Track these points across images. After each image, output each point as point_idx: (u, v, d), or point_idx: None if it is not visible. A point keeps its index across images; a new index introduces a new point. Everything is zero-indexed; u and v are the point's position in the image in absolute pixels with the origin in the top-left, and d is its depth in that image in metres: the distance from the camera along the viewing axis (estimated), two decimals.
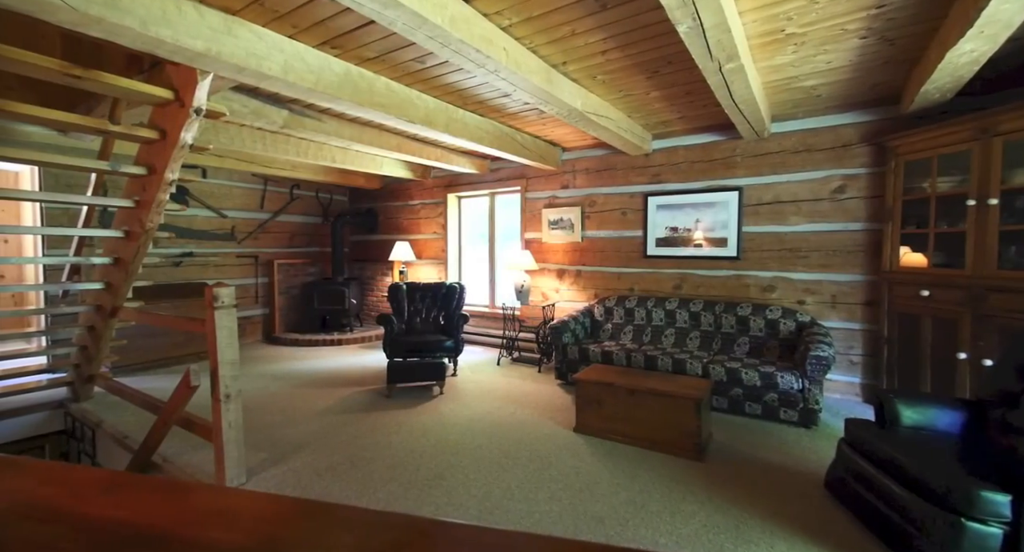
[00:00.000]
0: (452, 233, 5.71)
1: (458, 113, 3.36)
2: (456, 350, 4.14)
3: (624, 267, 4.42)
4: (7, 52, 1.70)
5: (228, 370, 2.14)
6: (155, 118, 2.35)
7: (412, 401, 3.42)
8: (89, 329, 3.05)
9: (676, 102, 3.23)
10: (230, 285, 2.15)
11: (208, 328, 2.13)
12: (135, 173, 2.37)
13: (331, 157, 4.55)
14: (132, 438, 2.69)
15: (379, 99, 2.74)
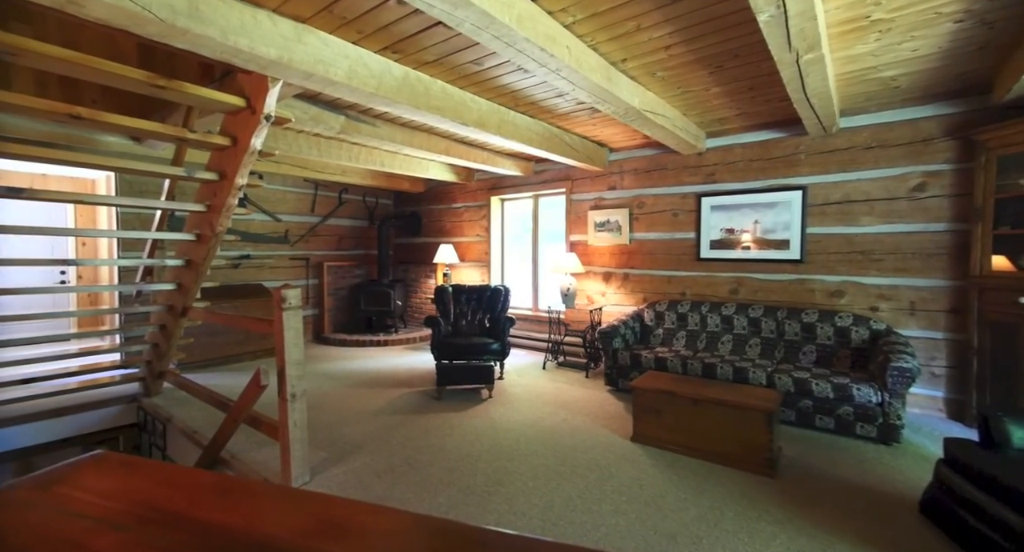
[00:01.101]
0: (495, 236, 5.70)
1: (509, 115, 3.34)
2: (503, 353, 4.10)
3: (675, 270, 4.26)
4: (105, 65, 1.80)
5: (294, 370, 2.18)
6: (226, 125, 2.45)
7: (462, 404, 3.41)
8: (161, 328, 3.22)
9: (737, 98, 3.08)
10: (296, 287, 2.20)
11: (276, 329, 2.18)
12: (208, 179, 2.48)
13: (380, 161, 4.64)
14: (201, 433, 2.81)
15: (435, 102, 2.76)
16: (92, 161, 2.17)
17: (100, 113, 1.95)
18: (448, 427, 2.94)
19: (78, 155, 2.03)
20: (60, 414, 3.24)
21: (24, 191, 2.02)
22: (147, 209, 4.32)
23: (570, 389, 3.78)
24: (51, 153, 1.97)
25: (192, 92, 2.08)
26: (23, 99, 1.76)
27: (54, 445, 3.28)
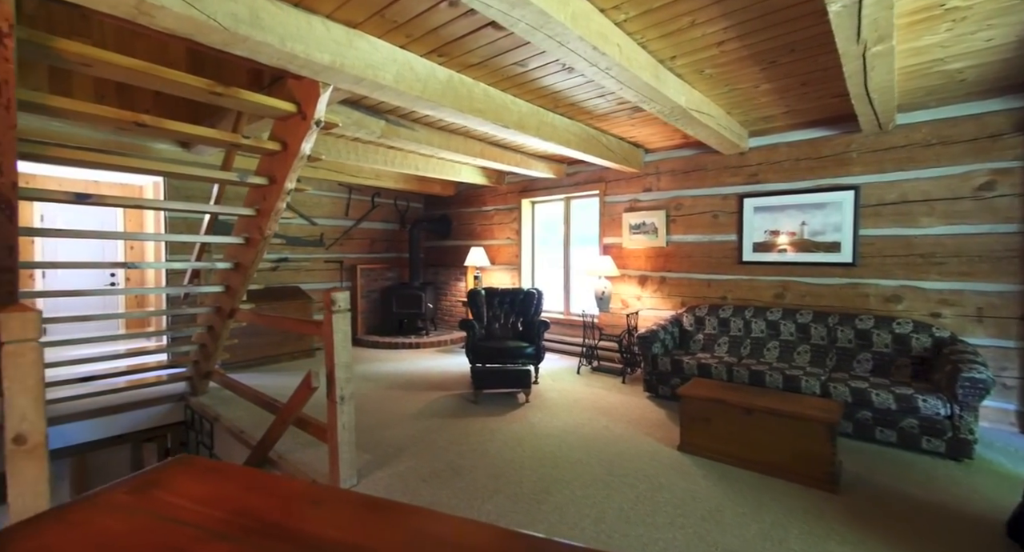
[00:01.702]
0: (526, 238, 5.67)
1: (548, 116, 3.31)
2: (537, 357, 4.06)
3: (715, 274, 4.13)
4: (170, 74, 1.85)
5: (343, 372, 2.19)
6: (276, 131, 2.50)
7: (499, 408, 3.37)
8: (208, 329, 3.30)
9: (787, 95, 2.96)
10: (345, 290, 2.21)
11: (325, 331, 2.20)
12: (258, 183, 2.53)
13: (415, 165, 4.68)
14: (248, 433, 2.86)
15: (477, 105, 2.75)
16: (157, 168, 2.23)
17: (163, 120, 2.01)
18: (488, 432, 2.91)
19: (145, 162, 2.10)
20: (113, 412, 3.36)
21: (91, 196, 2.09)
22: (194, 214, 4.47)
23: (607, 395, 3.70)
24: (120, 160, 2.04)
25: (247, 98, 2.12)
26: (96, 108, 1.82)
27: (107, 442, 3.40)
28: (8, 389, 1.36)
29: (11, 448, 1.37)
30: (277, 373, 4.35)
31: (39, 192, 1.98)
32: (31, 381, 1.39)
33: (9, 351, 1.36)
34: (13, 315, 1.37)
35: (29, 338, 1.39)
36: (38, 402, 1.40)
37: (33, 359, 1.40)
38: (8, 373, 1.36)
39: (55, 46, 1.60)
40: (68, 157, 1.91)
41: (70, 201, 2.04)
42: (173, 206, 2.38)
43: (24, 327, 1.38)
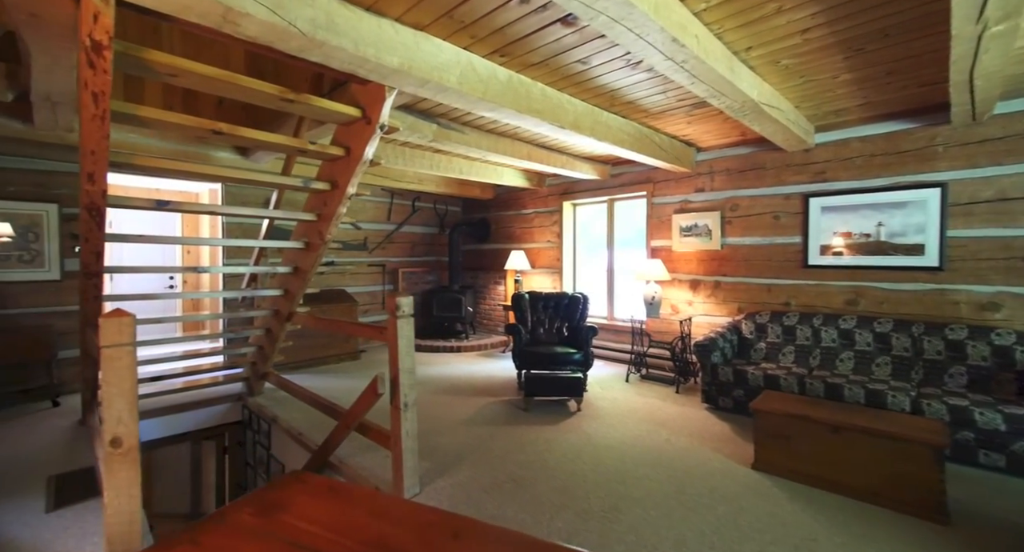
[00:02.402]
0: (567, 242, 5.56)
1: (603, 116, 3.21)
2: (585, 364, 3.94)
3: (777, 278, 3.89)
4: (248, 82, 1.88)
5: (407, 378, 2.16)
6: (339, 136, 2.51)
7: (551, 416, 3.28)
8: (266, 331, 3.37)
9: (867, 85, 2.75)
10: (409, 295, 2.18)
11: (390, 337, 2.17)
12: (320, 188, 2.55)
13: (458, 169, 4.67)
14: (306, 435, 2.89)
15: (535, 105, 2.68)
16: (235, 175, 2.28)
17: (238, 128, 2.05)
18: (543, 441, 2.82)
19: (223, 170, 2.16)
20: (177, 410, 3.49)
21: (170, 203, 2.16)
22: (250, 219, 4.62)
23: (662, 405, 3.54)
24: (200, 168, 2.09)
25: (316, 104, 2.13)
26: (181, 118, 1.87)
27: (171, 439, 3.53)
28: (106, 392, 1.39)
29: (108, 451, 1.39)
30: (325, 375, 4.41)
31: (124, 200, 2.05)
32: (127, 384, 1.42)
33: (107, 355, 1.39)
34: (111, 320, 1.40)
35: (125, 342, 1.42)
36: (132, 405, 1.43)
37: (128, 363, 1.42)
38: (106, 376, 1.39)
39: (147, 58, 1.65)
40: (153, 166, 1.96)
41: (152, 208, 2.10)
42: (243, 212, 2.43)
43: (121, 331, 1.41)
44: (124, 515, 1.42)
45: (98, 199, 1.88)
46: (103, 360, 1.39)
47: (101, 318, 1.39)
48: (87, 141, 1.71)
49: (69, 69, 2.06)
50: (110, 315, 1.41)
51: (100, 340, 1.40)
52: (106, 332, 1.39)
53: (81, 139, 1.73)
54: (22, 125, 2.98)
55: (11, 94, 2.42)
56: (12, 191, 3.47)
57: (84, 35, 1.47)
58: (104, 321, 1.39)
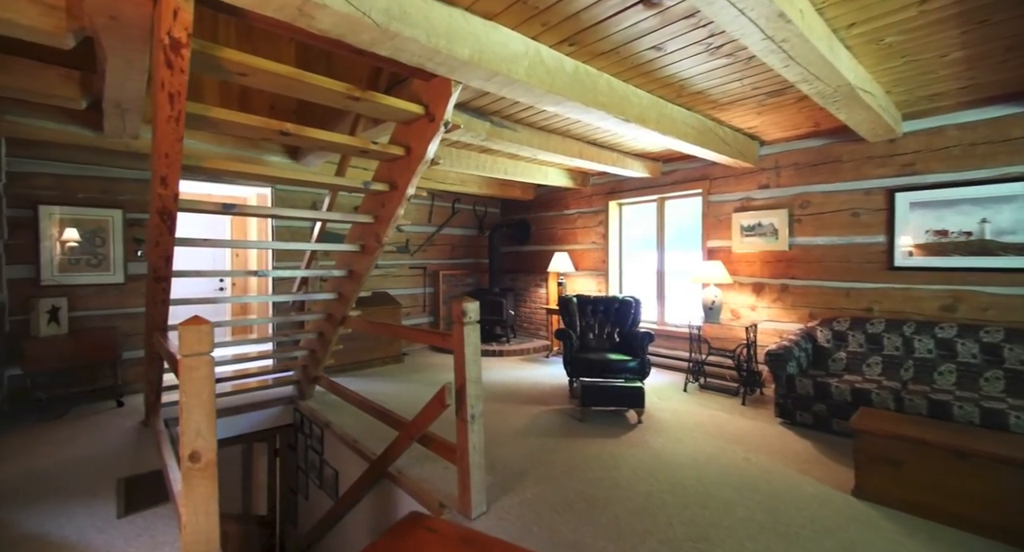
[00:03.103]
0: (613, 243, 5.35)
1: (667, 108, 3.01)
2: (642, 372, 3.74)
3: (856, 281, 3.57)
4: (317, 80, 1.81)
5: (474, 389, 2.04)
6: (399, 135, 2.43)
7: (611, 428, 3.10)
8: (319, 335, 3.35)
9: (980, 63, 2.44)
10: (475, 300, 2.06)
11: (455, 344, 2.06)
12: (379, 190, 2.48)
13: (503, 169, 4.56)
14: (361, 443, 2.83)
15: (601, 98, 2.52)
16: (302, 177, 2.23)
17: (304, 128, 1.99)
18: (609, 456, 2.65)
19: (288, 172, 2.12)
20: (233, 413, 3.51)
21: (236, 207, 2.13)
22: (296, 222, 4.66)
23: (730, 418, 3.29)
24: (267, 171, 2.05)
25: (381, 102, 2.05)
26: (249, 118, 1.82)
27: (224, 442, 3.55)
28: (185, 404, 1.33)
29: (187, 466, 1.33)
30: (370, 378, 4.38)
31: (192, 203, 2.03)
32: (205, 394, 1.35)
33: (187, 364, 1.33)
34: (189, 328, 1.34)
35: (204, 351, 1.36)
36: (211, 417, 1.36)
37: (207, 373, 1.35)
38: (185, 387, 1.33)
39: (222, 56, 1.60)
40: (223, 169, 1.93)
41: (219, 211, 2.07)
42: (306, 215, 2.39)
43: (200, 340, 1.35)
44: (202, 533, 1.35)
45: (170, 203, 1.86)
46: (182, 370, 1.33)
47: (181, 326, 1.34)
48: (161, 144, 1.68)
49: (141, 73, 2.06)
50: (189, 323, 1.35)
51: (179, 349, 1.34)
52: (186, 341, 1.33)
53: (155, 142, 1.70)
54: (92, 133, 3.07)
55: (85, 102, 2.47)
56: (81, 198, 3.59)
57: (163, 33, 1.42)
58: (184, 330, 1.33)
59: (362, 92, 1.97)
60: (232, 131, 1.94)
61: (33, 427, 3.09)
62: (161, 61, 1.48)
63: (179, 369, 1.34)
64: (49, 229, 3.46)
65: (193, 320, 1.37)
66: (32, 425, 3.12)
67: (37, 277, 3.42)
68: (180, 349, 1.34)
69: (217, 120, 1.79)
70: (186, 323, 1.35)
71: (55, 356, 3.26)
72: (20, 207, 3.36)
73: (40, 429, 3.05)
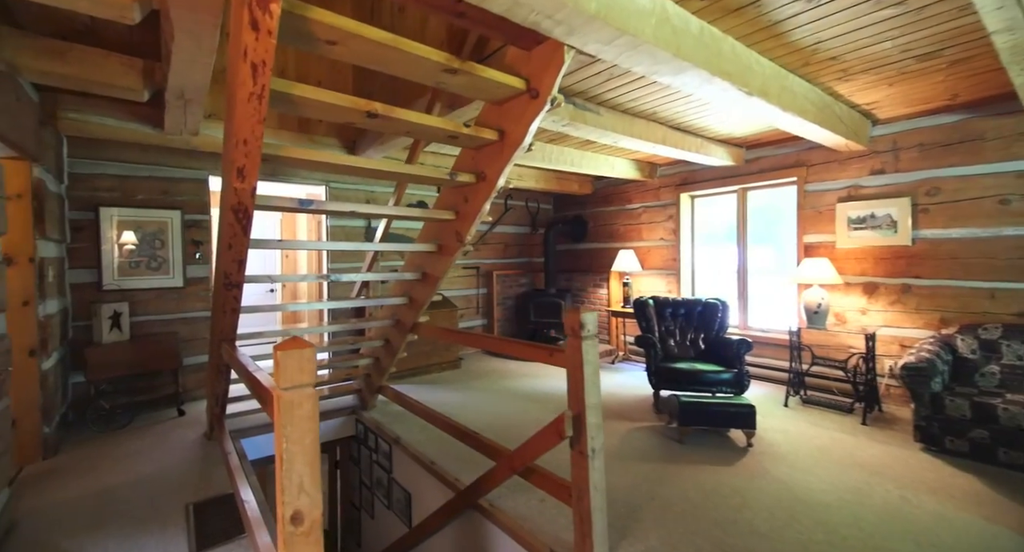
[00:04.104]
0: (684, 239, 4.89)
1: (789, 79, 2.56)
2: (739, 385, 3.30)
3: (1006, 281, 3.00)
4: (411, 47, 1.51)
5: (595, 417, 1.69)
6: (487, 117, 2.10)
7: (716, 451, 2.69)
8: (384, 342, 3.09)
9: None
10: (593, 310, 1.71)
11: (569, 362, 1.72)
12: (465, 181, 2.16)
13: (569, 160, 4.20)
14: (440, 466, 2.54)
15: (726, 65, 2.11)
16: (386, 168, 1.93)
17: (393, 108, 1.69)
18: (730, 490, 2.25)
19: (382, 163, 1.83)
20: None
21: (312, 203, 1.86)
22: (351, 222, 4.45)
23: (856, 442, 2.81)
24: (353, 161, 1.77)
25: (482, 75, 1.73)
26: (336, 97, 1.54)
27: None
28: (285, 452, 1.04)
29: (288, 530, 1.04)
30: (429, 386, 4.12)
31: (266, 199, 1.77)
32: (309, 439, 1.06)
33: (287, 401, 1.04)
34: (291, 353, 1.05)
35: (307, 382, 1.07)
36: (315, 467, 1.07)
37: (311, 410, 1.06)
38: (285, 431, 1.04)
39: (314, 18, 1.30)
40: (305, 159, 1.65)
41: (295, 209, 1.81)
42: (384, 212, 2.11)
43: (302, 368, 1.06)
44: None
45: (247, 199, 1.60)
46: (279, 408, 1.04)
47: (279, 351, 1.05)
48: (239, 128, 1.40)
49: (210, 53, 1.82)
50: (288, 346, 1.06)
51: (276, 378, 1.06)
52: (286, 369, 1.04)
53: (231, 126, 1.43)
54: (152, 130, 2.92)
55: (147, 93, 2.28)
56: (140, 199, 3.48)
57: None
58: (284, 355, 1.04)
59: (461, 63, 1.65)
60: (314, 112, 1.66)
61: (97, 438, 2.97)
62: (244, 22, 1.20)
63: (275, 405, 1.05)
64: (109, 232, 3.35)
65: (293, 342, 1.08)
66: (96, 436, 3.01)
67: (99, 281, 3.32)
68: (277, 379, 1.05)
69: (301, 99, 1.50)
70: (284, 346, 1.07)
71: (118, 364, 3.14)
72: (81, 209, 3.27)
73: (104, 441, 2.93)
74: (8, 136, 2.13)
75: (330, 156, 1.71)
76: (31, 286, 2.56)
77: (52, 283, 2.83)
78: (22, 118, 2.31)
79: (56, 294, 2.93)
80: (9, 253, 2.50)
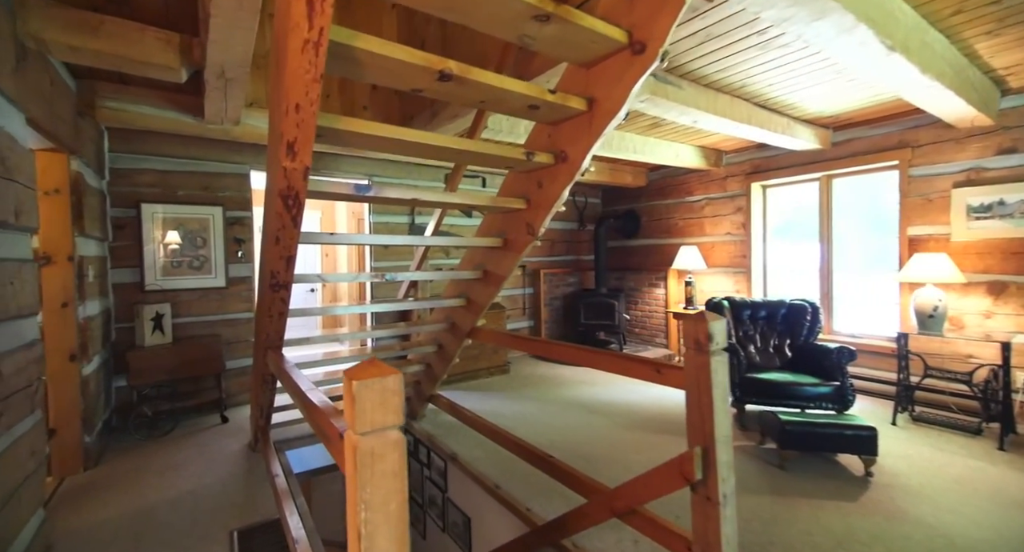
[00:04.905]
0: (755, 233, 4.40)
1: (929, 34, 2.10)
2: (842, 401, 2.83)
3: None
4: None
5: (725, 453, 1.33)
6: (572, 82, 1.74)
7: (833, 484, 2.26)
8: (437, 348, 2.81)
9: None
10: (720, 319, 1.34)
11: (691, 382, 1.36)
12: (543, 162, 1.83)
13: (632, 147, 3.81)
14: (505, 490, 2.22)
15: (871, 10, 1.69)
16: (451, 145, 1.60)
17: (470, 68, 1.37)
18: (870, 538, 1.82)
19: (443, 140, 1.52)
20: None
21: (371, 187, 1.57)
22: (395, 216, 4.21)
23: (1001, 474, 2.31)
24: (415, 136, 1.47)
25: (580, 23, 1.39)
26: (406, 52, 1.23)
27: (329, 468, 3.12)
28: (365, 522, 0.73)
29: None
30: (478, 392, 3.84)
31: (316, 185, 1.50)
32: (395, 504, 0.76)
33: (364, 450, 0.73)
34: (370, 384, 0.74)
35: (392, 424, 0.76)
36: (404, 540, 0.77)
37: (397, 464, 0.75)
38: (363, 494, 0.73)
39: None
40: (368, 133, 1.36)
41: (350, 196, 1.53)
42: (451, 199, 1.81)
43: (385, 404, 0.75)
44: None
45: (298, 181, 1.32)
46: (357, 459, 0.74)
47: (355, 380, 0.74)
48: (290, 88, 1.12)
49: (253, 14, 1.57)
50: (366, 372, 0.76)
51: (348, 417, 0.76)
52: (364, 406, 0.74)
53: (279, 87, 1.15)
54: (192, 119, 2.73)
55: (185, 72, 2.06)
56: (182, 195, 3.33)
57: None
58: (361, 387, 0.74)
59: (556, 6, 1.32)
60: (377, 74, 1.36)
61: (139, 446, 2.83)
62: None
63: (347, 454, 0.75)
64: (152, 229, 3.22)
65: (372, 368, 0.77)
66: (140, 443, 2.87)
67: (141, 281, 3.19)
68: (350, 418, 0.75)
69: (366, 55, 1.21)
70: (361, 372, 0.76)
71: (160, 368, 2.99)
72: (123, 206, 3.14)
73: (146, 450, 2.78)
74: (42, 124, 1.95)
75: (398, 130, 1.41)
76: (71, 286, 2.41)
77: (93, 283, 2.69)
78: (57, 106, 2.14)
79: (97, 295, 2.79)
80: (47, 251, 2.35)
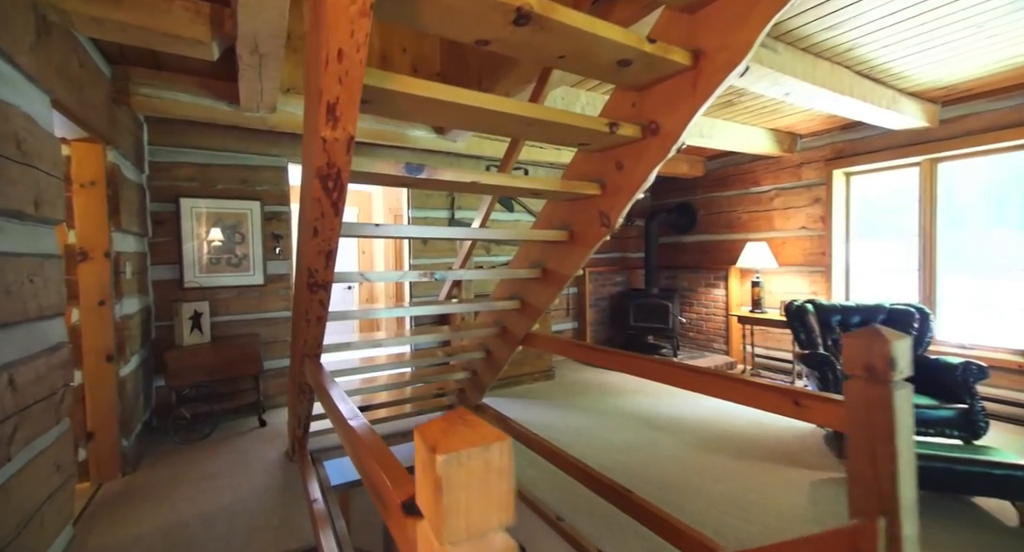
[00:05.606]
0: (837, 228, 3.87)
1: None
2: (970, 428, 2.35)
3: None
4: None
5: (911, 526, 0.96)
6: (666, 33, 1.40)
7: (979, 537, 1.81)
8: (486, 354, 2.53)
9: None
10: (905, 337, 0.97)
11: (858, 422, 1.00)
12: (628, 136, 1.49)
13: (697, 131, 3.39)
14: (570, 524, 1.92)
15: None
16: (522, 110, 1.29)
17: (555, 5, 1.06)
18: None
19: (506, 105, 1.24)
20: None
21: (423, 168, 1.29)
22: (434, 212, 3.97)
23: None
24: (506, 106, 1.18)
25: None
26: None
27: None
28: None
29: None
30: (523, 400, 3.55)
31: (359, 164, 1.23)
32: None
33: None
34: (466, 458, 0.45)
35: (494, 526, 0.47)
36: None
37: None
38: None
39: None
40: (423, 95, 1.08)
41: (399, 180, 1.26)
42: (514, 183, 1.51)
43: (489, 497, 0.46)
44: None
45: (340, 155, 1.05)
46: None
47: (440, 455, 0.45)
48: (332, 25, 0.84)
49: None
50: (455, 441, 0.46)
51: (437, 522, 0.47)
52: (455, 503, 0.44)
53: (320, 26, 0.87)
54: (227, 106, 2.56)
55: (216, 47, 1.86)
56: (220, 189, 3.21)
57: None
58: (448, 464, 0.45)
59: None
60: (437, 22, 1.07)
61: (177, 451, 2.71)
62: None
63: None
64: (191, 224, 3.10)
65: (461, 428, 0.48)
66: (177, 447, 2.75)
67: (180, 279, 3.08)
68: (432, 517, 0.45)
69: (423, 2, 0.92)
70: (442, 435, 0.47)
71: (199, 369, 2.87)
72: (162, 201, 3.04)
73: (183, 455, 2.65)
74: (71, 108, 1.80)
75: (469, 94, 1.12)
76: (107, 284, 2.29)
77: (131, 280, 2.58)
78: (88, 90, 1.99)
79: (136, 292, 2.68)
80: (83, 247, 2.23)
